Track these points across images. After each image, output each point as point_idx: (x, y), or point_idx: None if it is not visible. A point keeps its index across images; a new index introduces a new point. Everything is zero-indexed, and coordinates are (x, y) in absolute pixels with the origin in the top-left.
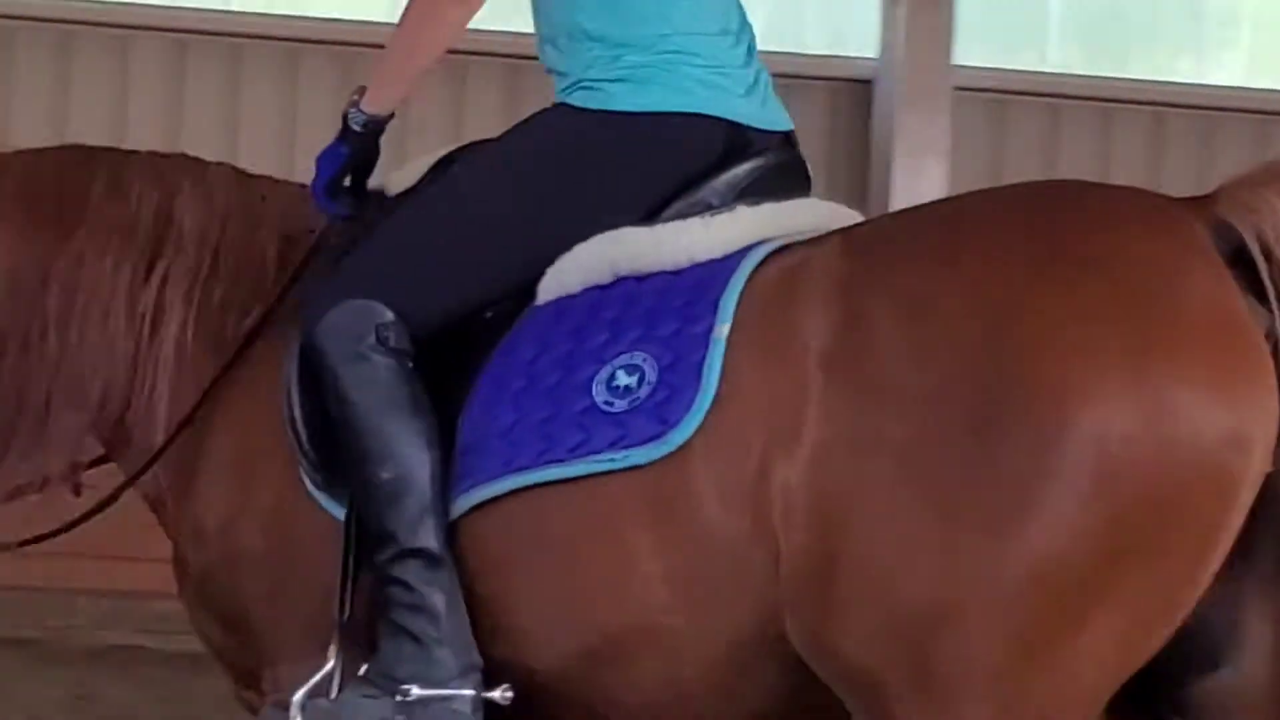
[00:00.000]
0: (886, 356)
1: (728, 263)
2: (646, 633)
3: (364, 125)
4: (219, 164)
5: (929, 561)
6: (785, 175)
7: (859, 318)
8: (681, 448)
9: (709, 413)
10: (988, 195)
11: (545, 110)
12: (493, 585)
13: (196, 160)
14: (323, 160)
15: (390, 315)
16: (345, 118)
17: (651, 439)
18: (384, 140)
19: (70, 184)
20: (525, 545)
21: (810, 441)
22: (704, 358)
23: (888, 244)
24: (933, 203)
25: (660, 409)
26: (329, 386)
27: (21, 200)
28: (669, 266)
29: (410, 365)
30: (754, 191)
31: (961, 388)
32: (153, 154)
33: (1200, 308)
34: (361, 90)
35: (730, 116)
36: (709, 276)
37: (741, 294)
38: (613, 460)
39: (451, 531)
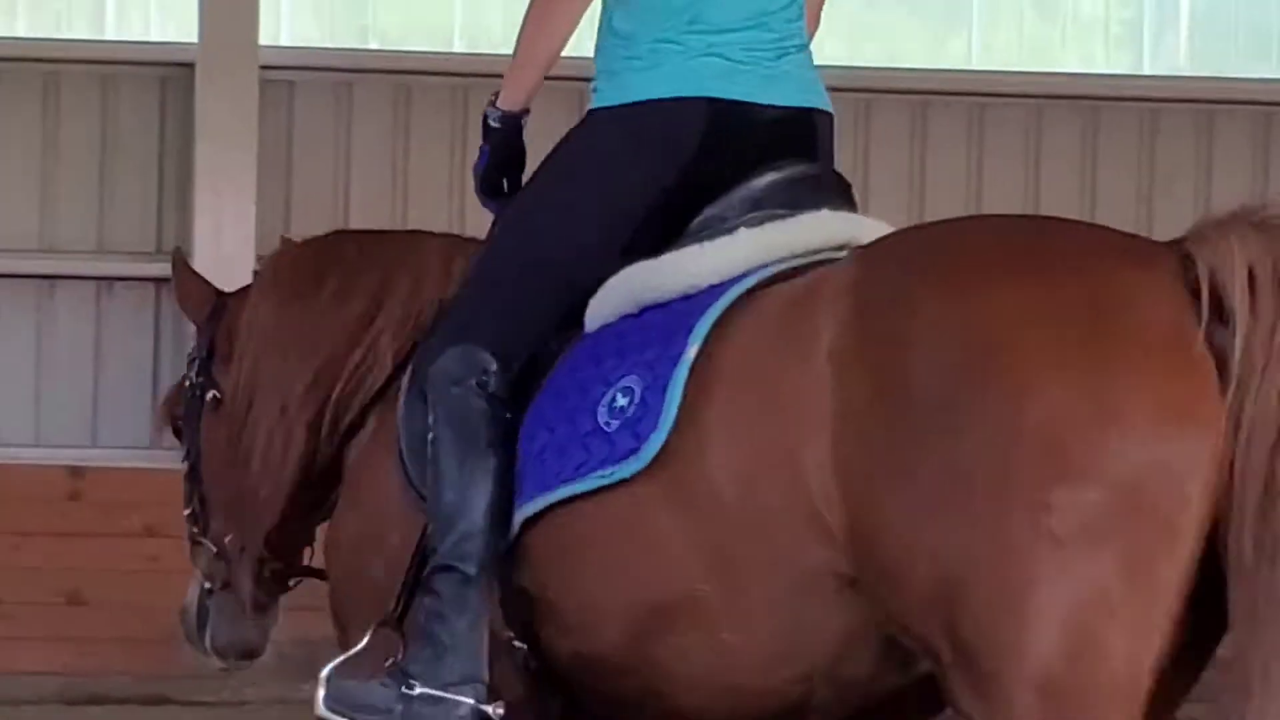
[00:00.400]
0: (885, 357)
1: (715, 291)
2: (687, 603)
3: (500, 120)
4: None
5: (930, 547)
6: (802, 185)
7: (864, 319)
8: (661, 454)
9: (680, 421)
10: (987, 221)
11: (581, 122)
12: (545, 584)
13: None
14: (477, 164)
15: (492, 362)
16: (485, 118)
17: (630, 454)
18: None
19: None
20: (566, 551)
21: (830, 428)
22: (671, 378)
23: (893, 258)
24: (936, 223)
25: (636, 426)
26: (431, 421)
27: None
28: (679, 294)
29: (502, 408)
30: (770, 203)
31: (939, 379)
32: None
33: (1156, 328)
34: (498, 92)
35: (722, 95)
36: (695, 305)
37: (720, 319)
38: (605, 476)
39: (515, 545)
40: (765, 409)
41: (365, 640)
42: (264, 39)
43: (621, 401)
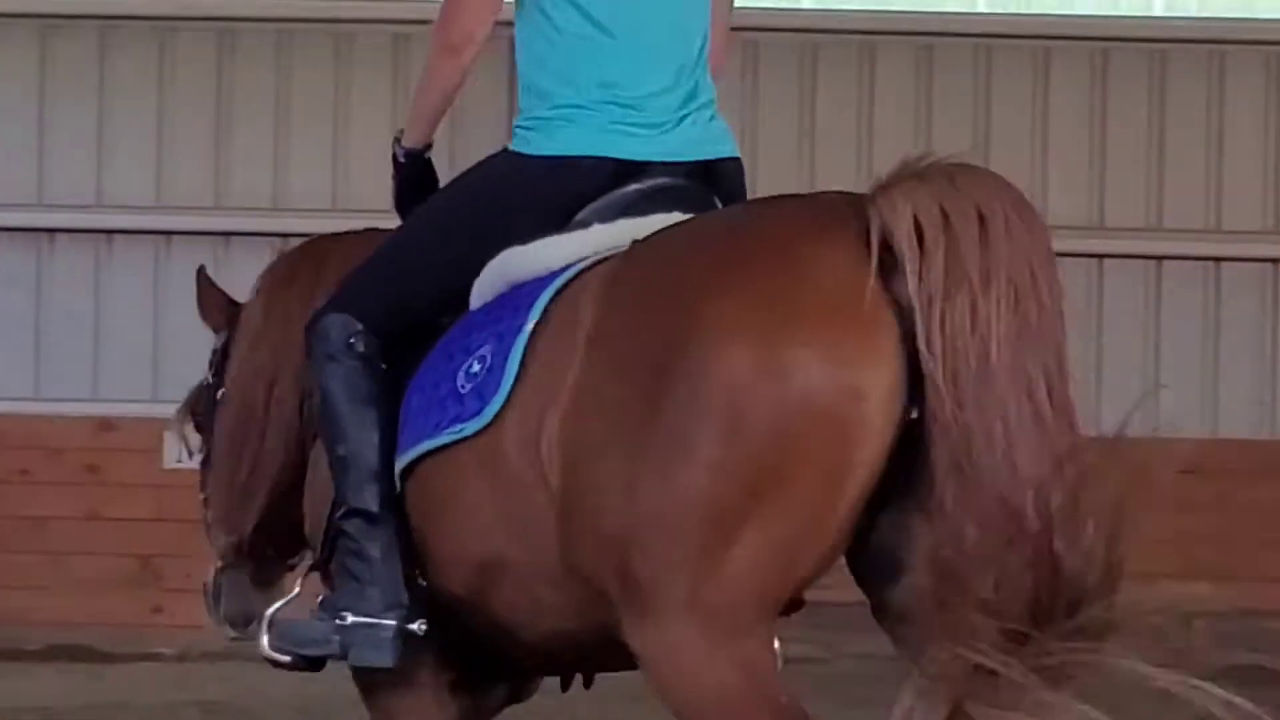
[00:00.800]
0: (615, 332)
1: (561, 272)
2: (500, 562)
3: (405, 156)
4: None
5: (619, 495)
6: (668, 195)
7: (610, 304)
8: (495, 418)
9: (512, 389)
10: (721, 211)
11: (493, 154)
12: (421, 530)
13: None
14: (394, 192)
15: (359, 326)
16: (393, 154)
17: (474, 415)
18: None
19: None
20: (430, 499)
21: (564, 402)
22: (512, 347)
23: (646, 249)
24: (697, 217)
25: (482, 389)
26: (320, 383)
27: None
28: (538, 275)
29: (375, 365)
30: (636, 211)
31: (646, 352)
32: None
33: (829, 286)
34: (403, 130)
35: (624, 156)
36: (541, 284)
37: (554, 297)
38: (456, 432)
39: (401, 493)
40: (542, 382)
41: (297, 587)
42: None
43: (476, 368)
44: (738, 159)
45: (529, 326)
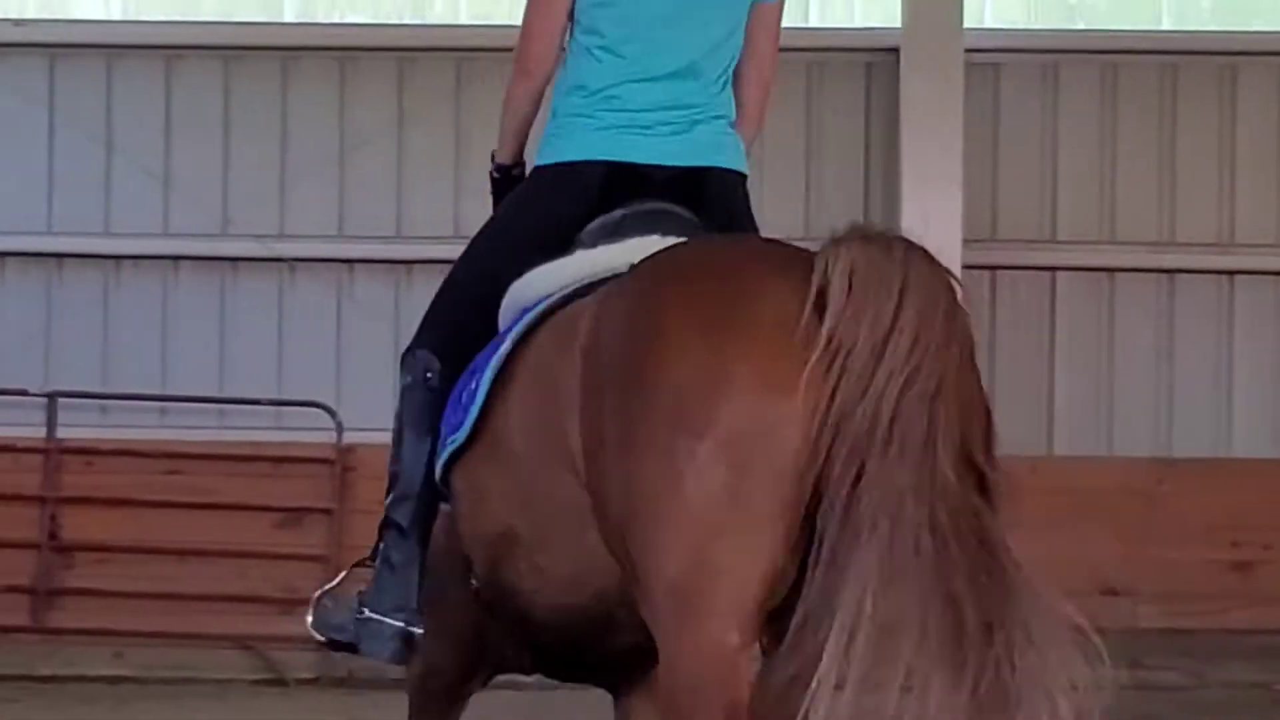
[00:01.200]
0: (603, 346)
1: (540, 301)
2: (506, 534)
3: (498, 171)
4: None
5: (617, 485)
6: (650, 217)
7: (600, 321)
8: (474, 427)
9: (490, 402)
10: (696, 243)
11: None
12: (457, 521)
13: None
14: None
15: (438, 364)
16: (489, 171)
17: (459, 426)
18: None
19: None
20: (456, 496)
21: (578, 403)
22: (486, 369)
23: (631, 276)
24: (675, 246)
25: (469, 404)
26: (397, 408)
27: None
28: (532, 302)
29: (442, 399)
30: (624, 233)
31: (623, 363)
32: None
33: (770, 317)
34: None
35: (616, 158)
36: (523, 313)
37: (530, 325)
38: (454, 442)
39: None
40: (547, 390)
41: (340, 576)
42: (968, 21)
43: (471, 385)
44: (734, 171)
45: (503, 350)
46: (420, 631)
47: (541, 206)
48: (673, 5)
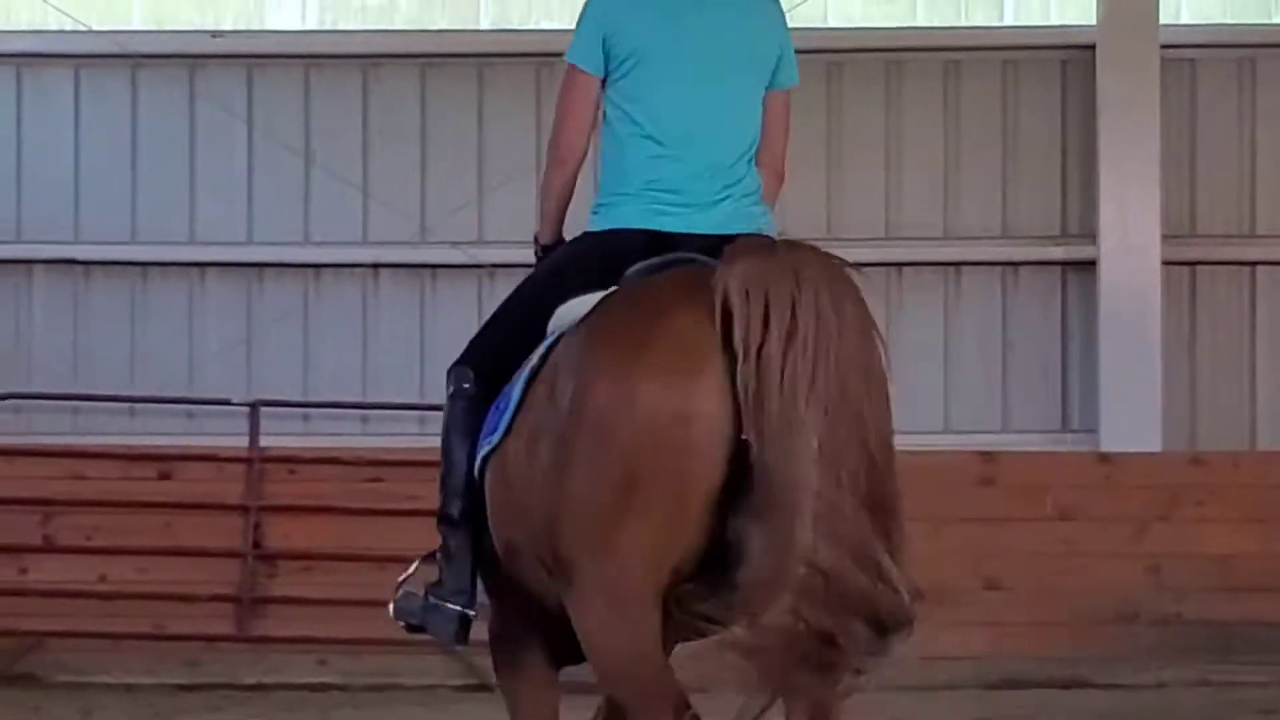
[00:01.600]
0: (552, 370)
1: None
2: (512, 541)
3: (543, 251)
4: None
5: (551, 491)
6: (674, 263)
7: (557, 350)
8: (503, 435)
9: (513, 417)
10: (635, 282)
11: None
12: (489, 509)
13: None
14: None
15: (471, 375)
16: (534, 249)
17: (495, 429)
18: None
19: None
20: (493, 483)
21: (537, 425)
22: (517, 383)
23: (593, 310)
24: (623, 284)
25: (505, 412)
26: (444, 417)
27: None
28: (565, 327)
29: (479, 405)
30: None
31: (561, 385)
32: None
33: (677, 335)
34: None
35: (655, 228)
36: (550, 338)
37: (548, 350)
38: (489, 444)
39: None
40: (535, 405)
41: (413, 567)
42: (1164, 17)
43: (509, 393)
44: (763, 234)
45: (528, 368)
46: (473, 614)
47: (588, 254)
48: (698, 100)
